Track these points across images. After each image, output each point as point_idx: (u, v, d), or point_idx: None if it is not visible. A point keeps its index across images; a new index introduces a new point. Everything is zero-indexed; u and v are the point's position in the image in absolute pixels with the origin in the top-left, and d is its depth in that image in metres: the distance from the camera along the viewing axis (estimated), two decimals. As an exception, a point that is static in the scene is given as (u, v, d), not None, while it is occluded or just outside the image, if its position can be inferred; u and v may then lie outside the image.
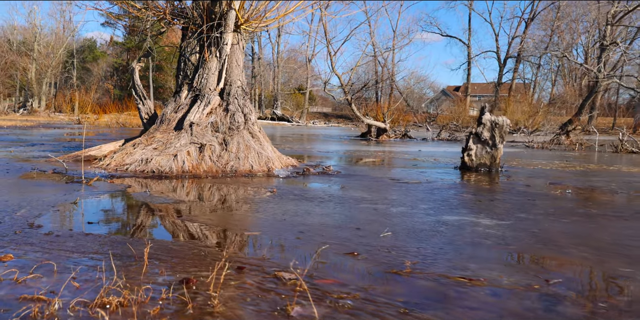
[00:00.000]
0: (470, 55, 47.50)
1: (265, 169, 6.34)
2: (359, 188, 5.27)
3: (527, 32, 43.89)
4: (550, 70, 48.10)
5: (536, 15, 43.47)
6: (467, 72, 48.44)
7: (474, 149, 7.82)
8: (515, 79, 46.10)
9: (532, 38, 44.60)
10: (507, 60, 45.58)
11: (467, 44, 46.94)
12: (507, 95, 43.79)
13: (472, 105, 53.15)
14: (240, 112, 6.65)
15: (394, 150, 12.30)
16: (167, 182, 5.29)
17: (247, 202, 4.21)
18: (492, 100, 47.19)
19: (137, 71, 7.18)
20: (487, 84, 55.68)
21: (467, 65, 47.97)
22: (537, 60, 45.74)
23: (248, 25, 6.93)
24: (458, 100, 53.95)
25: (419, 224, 3.48)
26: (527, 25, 43.77)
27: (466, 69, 48.22)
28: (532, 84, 48.27)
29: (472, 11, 46.45)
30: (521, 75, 47.28)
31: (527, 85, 48.75)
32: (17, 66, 43.11)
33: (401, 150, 12.72)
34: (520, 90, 46.62)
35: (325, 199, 4.44)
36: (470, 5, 45.91)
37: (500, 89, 46.37)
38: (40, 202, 3.80)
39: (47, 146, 9.80)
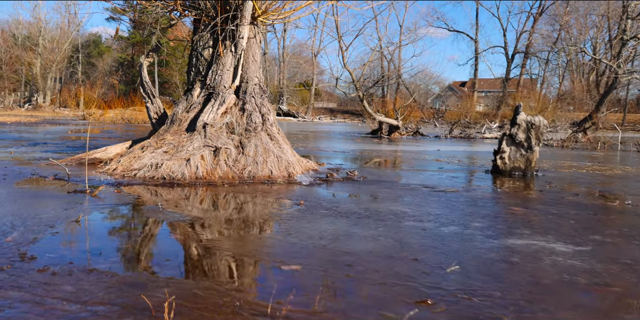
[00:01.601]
0: (477, 50, 46.70)
1: (285, 174, 5.79)
2: (394, 199, 4.72)
3: (536, 27, 43.04)
4: (558, 65, 47.25)
5: (544, 9, 42.60)
6: (475, 68, 47.65)
7: (508, 152, 7.24)
8: (523, 75, 45.31)
9: (540, 33, 43.76)
10: (515, 55, 44.75)
11: (474, 39, 46.13)
12: (515, 90, 43.03)
13: (479, 101, 52.39)
14: (257, 112, 6.09)
15: (411, 150, 11.73)
16: (180, 191, 4.75)
17: (274, 219, 3.67)
18: (499, 96, 46.48)
19: (146, 67, 6.63)
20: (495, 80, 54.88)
21: (474, 61, 47.17)
22: (546, 56, 44.91)
23: (266, 17, 6.36)
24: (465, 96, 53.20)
25: (485, 251, 2.93)
26: (536, 20, 42.91)
27: (473, 64, 47.43)
28: (540, 80, 47.48)
29: (479, 6, 45.62)
30: (528, 71, 46.48)
31: (534, 81, 47.95)
32: (22, 61, 42.67)
33: (418, 149, 12.15)
34: (527, 85, 45.82)
35: (362, 215, 3.89)
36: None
37: (507, 84, 45.57)
38: (37, 221, 3.26)
39: (50, 146, 9.29)
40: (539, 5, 42.37)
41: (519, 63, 45.01)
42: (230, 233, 3.21)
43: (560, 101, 40.60)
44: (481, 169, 7.78)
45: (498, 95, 47.78)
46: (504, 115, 39.88)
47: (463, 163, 8.81)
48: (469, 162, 8.93)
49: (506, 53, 45.43)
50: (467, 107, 41.28)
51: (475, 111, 42.51)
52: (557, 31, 42.62)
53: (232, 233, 3.21)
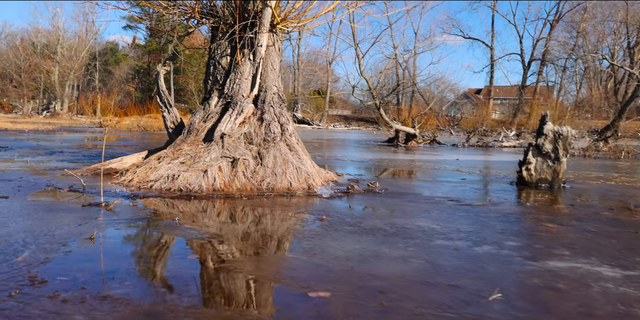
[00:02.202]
0: (493, 57, 46.29)
1: (305, 186, 5.60)
2: (420, 214, 4.50)
3: (552, 34, 42.53)
4: (575, 72, 46.58)
5: (562, 16, 42.09)
6: (490, 75, 47.22)
7: (534, 163, 6.99)
8: (539, 82, 44.74)
9: (557, 40, 43.22)
10: (531, 62, 44.23)
11: (490, 46, 45.75)
12: (532, 98, 42.49)
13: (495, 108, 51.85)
14: (276, 122, 5.93)
15: (430, 159, 11.48)
16: (197, 204, 4.59)
17: (296, 237, 3.48)
18: (515, 103, 45.98)
19: (162, 76, 6.52)
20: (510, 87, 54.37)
21: (490, 68, 46.74)
22: (563, 63, 44.31)
23: (285, 24, 6.22)
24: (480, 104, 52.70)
25: (526, 276, 2.71)
26: (553, 27, 42.42)
27: (489, 71, 47.01)
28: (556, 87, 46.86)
29: (495, 13, 45.28)
30: (545, 79, 45.88)
31: (550, 88, 47.34)
32: (41, 69, 43.27)
33: (437, 158, 11.90)
34: (543, 93, 45.22)
35: (389, 232, 3.68)
36: (493, 6, 44.74)
37: (524, 92, 45.02)
38: (50, 238, 3.12)
39: (67, 154, 9.23)
40: (556, 12, 41.91)
41: (536, 70, 44.50)
42: (251, 253, 3.03)
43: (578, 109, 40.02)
44: (505, 180, 7.53)
45: (514, 102, 47.29)
46: (520, 123, 39.39)
47: (485, 173, 8.56)
48: (491, 173, 8.67)
49: (522, 60, 44.98)
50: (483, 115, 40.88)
51: (491, 119, 42.05)
52: (575, 38, 42.08)
53: (253, 253, 3.03)
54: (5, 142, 11.76)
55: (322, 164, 8.03)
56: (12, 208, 4.07)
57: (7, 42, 59.14)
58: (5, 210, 3.98)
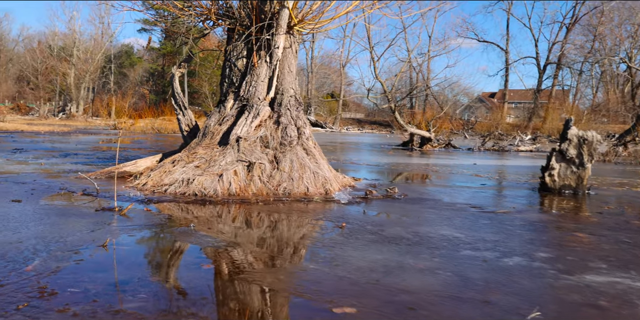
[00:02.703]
0: (508, 61, 45.81)
1: (322, 191, 5.46)
2: (443, 222, 4.33)
3: (569, 37, 41.94)
4: (591, 76, 45.89)
5: (578, 20, 41.48)
6: (505, 79, 46.73)
7: (557, 169, 6.77)
8: (555, 86, 44.12)
9: (573, 43, 42.62)
10: (547, 66, 43.65)
11: (505, 49, 45.28)
12: (547, 102, 41.94)
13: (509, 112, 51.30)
14: (293, 125, 5.80)
15: (446, 163, 11.28)
16: (213, 210, 4.47)
17: (316, 245, 3.33)
18: (530, 107, 45.46)
19: (177, 78, 6.43)
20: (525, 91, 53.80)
21: (504, 72, 46.25)
22: (579, 67, 43.66)
23: (302, 26, 6.10)
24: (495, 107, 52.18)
25: (564, 291, 2.53)
26: (569, 30, 41.83)
27: (504, 75, 46.51)
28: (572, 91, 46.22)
29: (510, 16, 44.83)
30: (560, 82, 45.24)
31: (566, 92, 46.70)
32: (57, 71, 43.71)
33: (453, 162, 11.69)
34: (559, 97, 44.62)
35: (412, 241, 3.52)
36: (508, 9, 44.29)
37: (539, 95, 44.45)
38: (61, 245, 3.01)
39: (81, 157, 9.20)
40: (573, 15, 41.32)
41: (551, 74, 43.91)
42: (269, 262, 2.89)
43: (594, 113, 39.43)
44: (526, 186, 7.33)
45: (529, 106, 46.76)
46: (535, 127, 38.90)
47: (505, 179, 8.35)
48: (511, 178, 8.45)
49: (538, 64, 44.41)
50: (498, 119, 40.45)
51: (506, 123, 41.59)
52: (591, 42, 41.45)
53: (272, 262, 2.89)
54: (21, 144, 11.78)
55: (337, 168, 7.89)
56: (24, 212, 3.98)
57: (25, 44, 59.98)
58: (18, 214, 3.89)
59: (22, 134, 16.33)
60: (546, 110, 40.66)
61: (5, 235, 3.21)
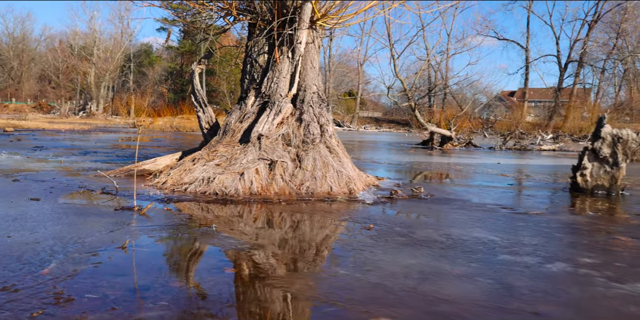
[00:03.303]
0: (528, 59, 44.98)
1: (346, 190, 5.28)
2: (475, 223, 4.12)
3: (590, 35, 40.98)
4: (614, 74, 44.81)
5: (600, 17, 40.49)
6: (525, 77, 45.86)
7: (589, 168, 6.49)
8: (576, 84, 43.20)
9: (596, 41, 41.65)
10: (568, 64, 42.74)
11: (525, 47, 44.47)
12: (568, 100, 41.10)
13: (529, 111, 50.46)
14: (315, 123, 5.63)
15: (469, 162, 11.01)
16: (234, 209, 4.32)
17: (344, 249, 3.16)
18: (550, 106, 44.65)
19: (198, 74, 6.30)
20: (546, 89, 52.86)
21: (524, 70, 45.42)
22: (602, 65, 42.67)
23: (325, 21, 5.92)
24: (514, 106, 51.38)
25: (618, 302, 2.32)
26: (591, 28, 40.86)
27: (524, 73, 45.67)
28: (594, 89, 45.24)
29: (530, 13, 44.01)
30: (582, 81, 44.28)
31: (587, 90, 45.73)
32: (78, 70, 44.21)
33: (477, 162, 11.42)
34: (580, 95, 43.71)
35: (445, 244, 3.33)
36: (529, 7, 43.46)
37: (560, 94, 43.59)
38: (79, 246, 2.88)
39: (101, 155, 9.15)
40: (595, 12, 40.35)
41: (572, 72, 42.99)
42: (297, 267, 2.72)
43: (617, 112, 38.55)
44: (556, 186, 7.06)
45: (549, 105, 45.91)
46: (556, 126, 38.18)
47: (532, 179, 8.07)
48: (538, 178, 8.17)
49: (559, 62, 43.51)
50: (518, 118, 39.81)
51: (526, 121, 40.90)
52: (614, 39, 40.46)
53: (299, 267, 2.72)
54: (41, 142, 11.82)
55: (358, 167, 7.70)
56: (42, 211, 3.88)
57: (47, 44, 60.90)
58: (36, 213, 3.78)
59: (43, 132, 16.45)
60: (567, 109, 39.90)
61: (23, 235, 3.10)
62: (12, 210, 3.85)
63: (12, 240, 2.96)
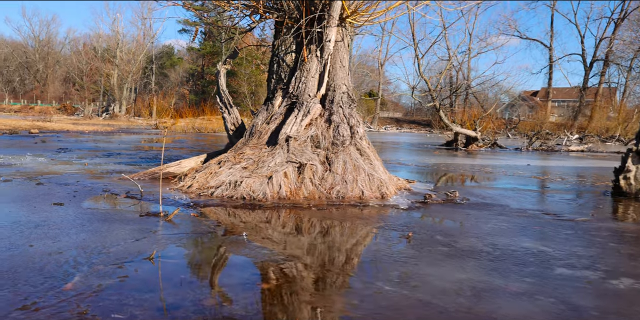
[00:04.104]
0: (552, 58, 44.00)
1: (378, 195, 5.05)
2: (519, 231, 3.86)
3: (617, 33, 39.85)
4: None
5: (627, 15, 39.33)
6: (549, 76, 44.86)
7: (634, 171, 6.14)
8: (602, 83, 42.08)
9: (622, 39, 40.49)
10: (593, 63, 41.67)
11: (549, 46, 43.52)
12: (593, 100, 40.09)
13: (553, 111, 49.46)
14: (345, 124, 5.41)
15: (498, 164, 10.66)
16: (264, 215, 4.13)
17: (385, 260, 2.93)
18: (575, 105, 43.64)
19: (223, 74, 6.13)
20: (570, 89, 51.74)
21: (548, 69, 44.44)
22: (629, 64, 41.46)
23: (354, 18, 5.70)
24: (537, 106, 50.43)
25: None
26: (617, 26, 39.75)
27: (547, 73, 44.68)
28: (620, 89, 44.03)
29: (554, 12, 43.07)
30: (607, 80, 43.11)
31: (613, 90, 44.56)
32: (101, 72, 44.77)
33: (505, 163, 11.06)
34: (605, 95, 42.61)
35: (493, 255, 3.08)
36: (553, 5, 42.52)
37: (585, 93, 42.53)
38: (104, 257, 2.71)
39: (124, 156, 9.07)
40: (621, 10, 39.23)
41: (597, 71, 41.90)
42: (337, 282, 2.50)
43: (647, 111, 37.47)
44: (594, 190, 6.72)
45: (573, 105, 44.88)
46: (580, 125, 37.30)
47: (568, 181, 7.72)
48: (575, 181, 7.82)
49: (584, 61, 42.48)
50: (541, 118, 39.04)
51: (549, 122, 40.07)
52: (641, 37, 39.27)
53: (340, 283, 2.50)
54: (65, 144, 11.83)
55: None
56: (66, 217, 3.73)
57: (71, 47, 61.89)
58: (59, 220, 3.64)
59: (67, 134, 16.56)
60: (592, 109, 38.98)
61: (45, 244, 2.94)
62: (35, 216, 3.71)
63: (34, 250, 2.80)
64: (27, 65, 62.33)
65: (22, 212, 3.88)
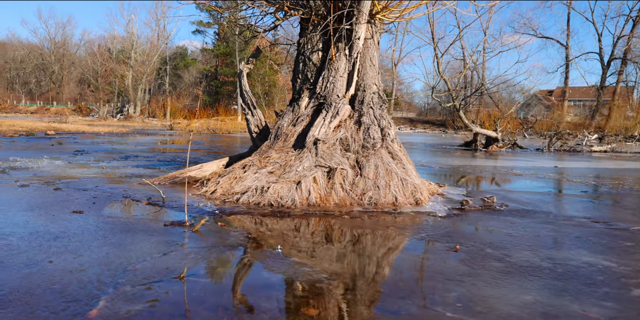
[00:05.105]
0: (568, 57, 43.19)
1: (412, 201, 4.76)
2: (574, 243, 3.54)
3: (635, 31, 38.96)
4: (660, 71, 42.52)
5: (646, 12, 38.40)
6: (565, 75, 44.04)
7: (681, 175, 5.77)
8: (620, 82, 41.19)
9: (640, 37, 39.56)
10: (611, 61, 40.80)
11: (565, 45, 42.73)
12: (611, 99, 39.28)
13: (569, 110, 48.61)
14: (376, 126, 5.13)
15: (524, 166, 10.29)
16: (294, 224, 3.86)
17: (437, 278, 2.64)
18: (592, 105, 42.83)
19: (246, 74, 5.88)
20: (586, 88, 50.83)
21: (564, 68, 43.63)
22: (649, 61, 40.52)
23: (385, 14, 5.41)
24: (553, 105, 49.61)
25: None
26: (635, 24, 38.86)
27: (563, 72, 43.86)
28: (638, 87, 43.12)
29: (571, 10, 42.25)
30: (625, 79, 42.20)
31: (630, 89, 43.64)
32: (116, 73, 44.90)
33: (532, 165, 10.69)
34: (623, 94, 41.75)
35: (556, 272, 2.77)
36: (569, 4, 41.72)
37: (602, 92, 41.69)
38: (130, 276, 2.46)
39: (141, 159, 8.87)
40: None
41: (615, 70, 41.02)
42: (392, 306, 2.22)
43: (667, 110, 36.65)
44: (636, 193, 6.35)
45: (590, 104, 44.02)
46: (598, 125, 36.59)
47: (605, 185, 7.36)
48: (612, 184, 7.45)
49: (601, 59, 41.61)
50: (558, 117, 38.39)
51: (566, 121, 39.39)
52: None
53: (395, 306, 2.22)
54: (82, 146, 11.69)
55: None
56: (86, 227, 3.49)
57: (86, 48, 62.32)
58: (79, 230, 3.40)
59: (83, 135, 16.46)
60: (610, 108, 38.21)
61: (66, 259, 2.70)
62: (53, 226, 3.48)
63: (54, 267, 2.56)
64: (43, 67, 62.86)
65: (40, 221, 3.65)
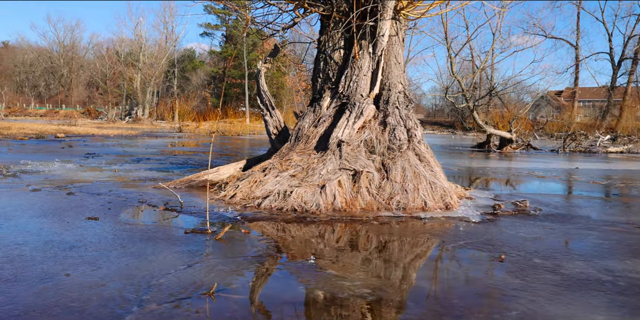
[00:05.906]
0: (578, 57, 42.63)
1: (441, 205, 4.51)
2: (627, 252, 3.29)
3: (646, 31, 38.36)
4: (671, 71, 41.84)
5: (657, 11, 37.82)
6: (575, 76, 43.45)
7: None
8: (630, 83, 40.60)
9: (652, 37, 38.96)
10: (621, 62, 40.21)
11: (575, 45, 42.20)
12: (622, 100, 38.75)
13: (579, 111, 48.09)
14: (402, 126, 4.89)
15: (545, 168, 10.01)
16: (322, 231, 3.63)
17: (493, 295, 2.40)
18: (603, 105, 42.28)
19: (264, 74, 5.67)
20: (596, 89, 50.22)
21: (574, 69, 43.05)
22: (659, 61, 39.91)
23: (410, 10, 5.18)
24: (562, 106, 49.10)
25: None
26: (646, 23, 38.27)
27: (573, 72, 43.28)
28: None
29: (581, 10, 41.73)
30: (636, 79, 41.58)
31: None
32: (124, 76, 44.94)
33: (551, 166, 10.40)
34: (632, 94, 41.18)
35: (620, 286, 2.52)
36: (579, 4, 41.22)
37: (613, 93, 41.12)
38: (155, 292, 2.23)
39: (153, 162, 8.68)
40: (651, 6, 37.78)
41: (625, 70, 40.42)
42: (448, 327, 1.98)
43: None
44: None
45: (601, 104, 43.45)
46: (609, 126, 36.12)
47: (633, 186, 7.08)
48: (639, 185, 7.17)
49: (612, 59, 41.01)
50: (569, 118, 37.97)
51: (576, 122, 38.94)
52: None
53: (452, 327, 1.98)
54: (92, 148, 11.53)
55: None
56: (103, 235, 3.28)
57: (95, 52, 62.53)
58: (96, 238, 3.19)
59: (93, 138, 16.33)
60: (621, 109, 37.72)
61: (84, 272, 2.49)
62: (68, 235, 3.27)
63: (71, 281, 2.34)
64: (52, 70, 63.11)
65: (54, 228, 3.44)
